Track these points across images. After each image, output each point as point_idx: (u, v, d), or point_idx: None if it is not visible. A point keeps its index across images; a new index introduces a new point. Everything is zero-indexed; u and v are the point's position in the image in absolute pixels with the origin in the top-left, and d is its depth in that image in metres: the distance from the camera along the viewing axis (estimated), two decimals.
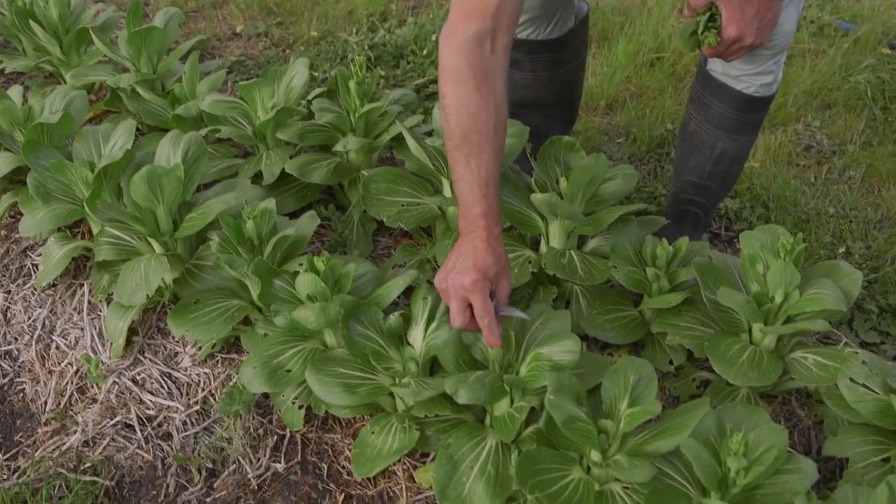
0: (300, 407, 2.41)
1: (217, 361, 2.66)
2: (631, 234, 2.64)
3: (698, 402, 2.08)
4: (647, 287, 2.54)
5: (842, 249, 3.19)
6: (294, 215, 2.94)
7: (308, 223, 2.59)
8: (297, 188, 3.02)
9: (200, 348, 2.66)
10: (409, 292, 2.75)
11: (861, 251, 3.19)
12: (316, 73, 4.13)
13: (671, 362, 2.54)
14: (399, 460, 2.36)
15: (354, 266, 2.36)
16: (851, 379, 2.18)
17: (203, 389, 2.60)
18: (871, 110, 3.97)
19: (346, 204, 3.12)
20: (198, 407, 2.56)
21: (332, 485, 2.39)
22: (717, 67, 2.56)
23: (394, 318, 2.30)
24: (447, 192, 2.82)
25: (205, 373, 2.63)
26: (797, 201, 3.42)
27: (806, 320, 2.27)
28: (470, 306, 2.06)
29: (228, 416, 2.43)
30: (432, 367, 2.33)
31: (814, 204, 3.42)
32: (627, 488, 2.07)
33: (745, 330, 2.39)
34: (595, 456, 2.08)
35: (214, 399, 2.58)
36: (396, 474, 2.38)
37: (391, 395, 2.35)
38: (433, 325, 2.29)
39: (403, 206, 2.77)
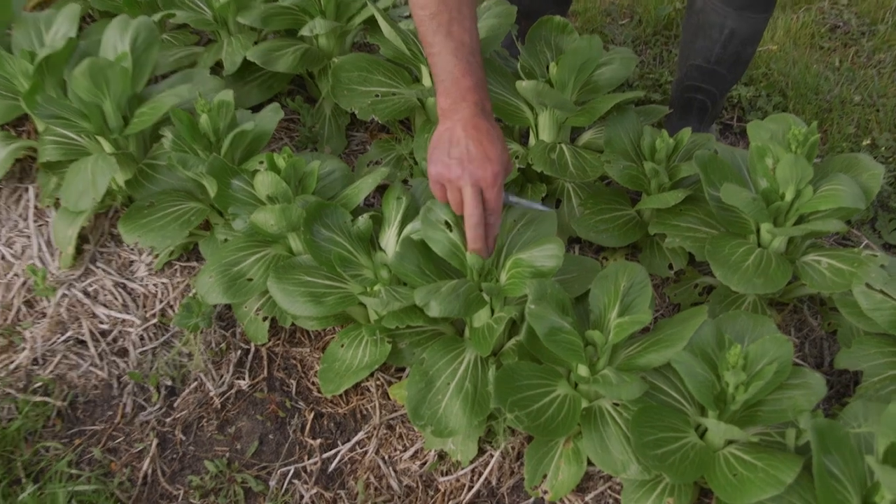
0: (264, 319, 2.33)
1: (175, 270, 2.58)
2: (628, 125, 2.51)
3: (695, 310, 2.00)
4: (644, 184, 2.43)
5: (867, 142, 3.05)
6: (259, 109, 2.80)
7: (271, 117, 2.46)
8: (261, 78, 2.89)
9: (157, 256, 2.57)
10: (382, 192, 2.64)
11: (888, 143, 3.05)
12: None
13: (671, 267, 2.45)
14: (371, 375, 2.30)
15: (319, 163, 2.24)
16: (868, 284, 2.08)
17: (161, 301, 2.52)
18: None
19: (317, 95, 2.99)
20: (155, 320, 2.49)
21: (300, 402, 2.33)
22: None
23: (363, 220, 2.20)
24: (426, 81, 2.67)
25: (162, 283, 2.55)
26: (819, 88, 3.26)
27: (819, 220, 2.16)
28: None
29: (188, 330, 2.36)
30: None
31: (837, 91, 3.26)
32: (618, 405, 2.00)
33: (752, 231, 2.29)
34: (582, 370, 2.01)
35: (173, 311, 2.51)
36: (370, 391, 2.32)
37: (363, 304, 2.27)
38: (408, 228, 2.19)
39: (378, 96, 2.64)
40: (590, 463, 2.07)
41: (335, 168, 2.38)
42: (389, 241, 2.23)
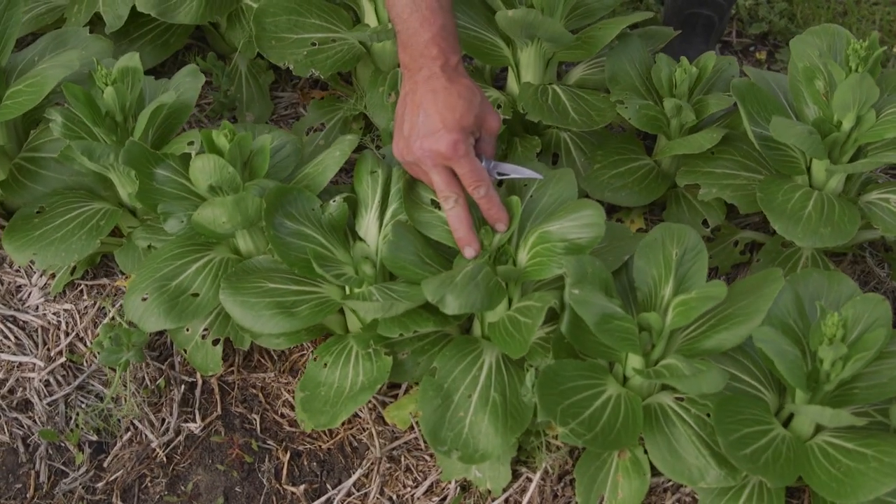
0: (215, 342, 2.25)
1: (81, 291, 2.48)
2: (634, 54, 2.51)
3: (766, 274, 2.01)
4: (664, 126, 2.43)
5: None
6: (155, 74, 2.69)
7: (189, 83, 2.37)
8: (154, 33, 2.80)
9: (54, 276, 2.46)
10: (347, 167, 2.59)
11: None
12: None
13: (705, 223, 2.47)
14: None
15: (270, 137, 2.16)
16: None
17: (66, 334, 2.42)
18: None
19: (227, 50, 2.91)
20: (63, 360, 2.39)
21: (269, 441, 2.28)
22: None
23: (335, 204, 2.14)
24: (371, 20, 2.62)
25: (65, 310, 2.45)
26: None
27: (888, 150, 2.21)
28: (455, 176, 1.94)
29: (113, 368, 2.26)
30: None
31: None
32: (682, 399, 2.01)
33: (802, 171, 2.32)
34: (635, 362, 2.01)
35: (85, 345, 2.41)
36: (359, 416, 2.28)
37: (340, 310, 2.21)
38: (392, 208, 2.14)
39: (314, 45, 2.58)
40: (652, 472, 2.07)
41: (285, 142, 2.31)
42: (370, 227, 2.18)
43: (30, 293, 2.48)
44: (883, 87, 2.33)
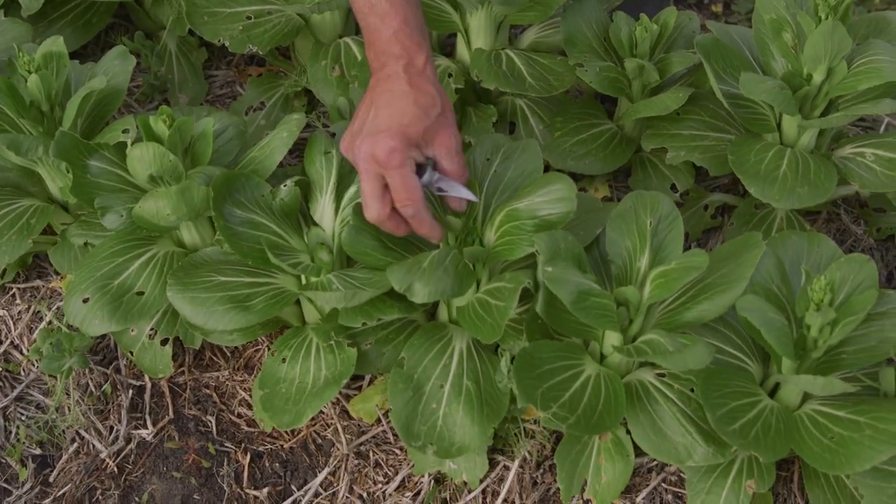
0: (163, 342, 2.20)
1: (13, 295, 2.41)
2: (589, 14, 2.49)
3: (745, 239, 2.00)
4: (625, 88, 2.41)
5: None
6: (77, 57, 2.61)
7: (119, 66, 2.31)
8: (75, 13, 2.72)
9: None
10: (294, 149, 2.53)
11: None
12: None
13: (674, 188, 2.46)
14: None
15: (212, 121, 2.10)
16: None
17: (1, 341, 2.36)
18: None
19: (154, 28, 2.84)
20: None
21: (227, 444, 2.23)
22: None
23: (287, 189, 2.09)
24: None
25: None
26: None
27: (866, 102, 2.20)
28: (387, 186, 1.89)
29: (54, 376, 2.19)
30: None
31: None
32: (664, 376, 2.00)
33: (773, 129, 2.31)
34: (613, 339, 1.99)
35: (21, 352, 2.35)
36: (322, 411, 2.24)
37: (296, 300, 2.17)
38: (352, 191, 2.09)
39: (250, 18, 2.52)
40: (636, 453, 2.06)
41: (227, 124, 2.25)
42: (325, 211, 2.13)
43: None
44: (853, 36, 2.32)
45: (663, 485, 2.11)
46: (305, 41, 2.64)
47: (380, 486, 2.15)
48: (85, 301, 2.07)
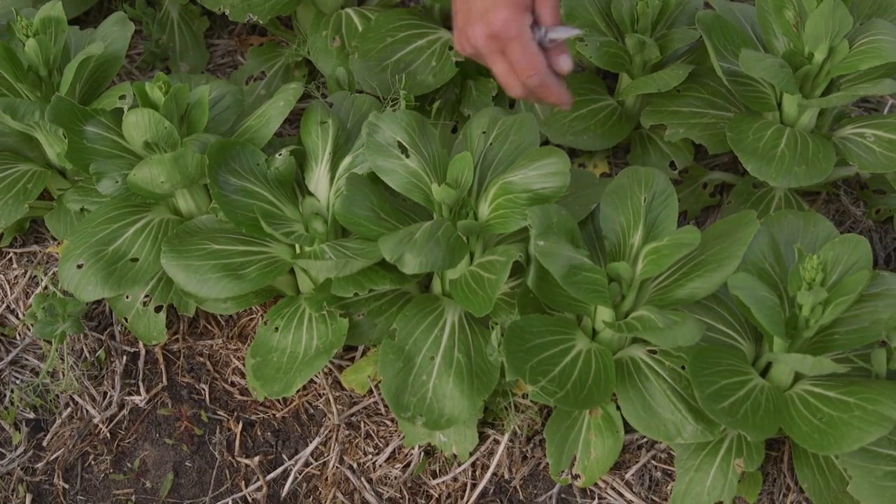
0: (157, 309, 2.20)
1: (10, 260, 2.42)
2: None
3: (740, 216, 2.00)
4: (626, 63, 2.40)
5: None
6: (79, 23, 2.62)
7: (118, 32, 2.31)
8: None
9: None
10: (291, 118, 2.54)
11: None
12: None
13: (673, 166, 2.45)
14: None
15: (208, 88, 2.10)
16: None
17: None
18: None
19: None
20: None
21: (220, 412, 2.24)
22: None
23: (282, 158, 2.09)
24: None
25: None
26: None
27: (867, 82, 2.19)
28: None
29: (48, 341, 2.20)
30: None
31: None
32: (655, 352, 2.00)
33: (773, 107, 2.30)
34: (605, 315, 1.99)
35: (17, 317, 2.36)
36: (315, 381, 2.25)
37: (290, 270, 2.17)
38: (346, 161, 2.09)
39: None
40: (626, 429, 2.06)
41: (224, 93, 2.25)
42: (320, 181, 2.13)
43: None
44: (856, 16, 2.31)
45: (653, 462, 2.11)
46: (307, 11, 2.64)
47: (370, 456, 2.16)
48: (79, 267, 2.08)
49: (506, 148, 2.11)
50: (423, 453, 2.14)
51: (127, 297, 2.21)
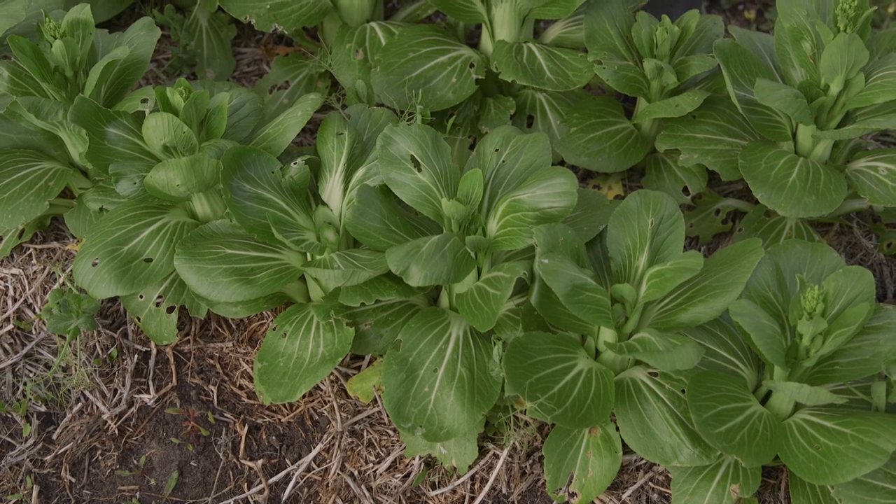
0: (169, 310, 2.23)
1: (29, 255, 2.45)
2: (614, 11, 2.49)
3: (745, 244, 2.01)
4: (643, 88, 2.41)
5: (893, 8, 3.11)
6: (110, 27, 2.66)
7: (144, 37, 2.34)
8: None
9: (1, 239, 2.43)
10: (308, 125, 2.56)
11: None
12: None
13: (686, 191, 2.46)
14: None
15: (228, 95, 2.13)
16: None
17: (14, 300, 2.40)
18: None
19: (187, 2, 2.87)
20: (10, 327, 2.36)
21: (227, 414, 2.26)
22: None
23: (297, 167, 2.11)
24: None
25: (13, 275, 2.42)
26: None
27: (882, 116, 2.19)
28: None
29: (63, 336, 2.24)
30: None
31: None
32: (655, 375, 2.01)
33: (788, 137, 2.31)
34: (608, 335, 2.00)
35: (34, 311, 2.38)
36: (321, 388, 2.27)
37: (301, 277, 2.20)
38: (360, 173, 2.12)
39: None
40: (624, 450, 2.07)
41: (245, 100, 2.28)
42: (334, 191, 2.16)
43: None
44: (874, 50, 2.32)
45: (650, 484, 2.12)
46: (333, 24, 2.67)
47: (371, 465, 2.17)
48: (94, 264, 2.11)
49: (517, 166, 2.12)
50: (423, 464, 2.15)
51: (140, 297, 2.24)
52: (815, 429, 1.88)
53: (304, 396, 2.25)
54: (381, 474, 2.16)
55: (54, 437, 2.25)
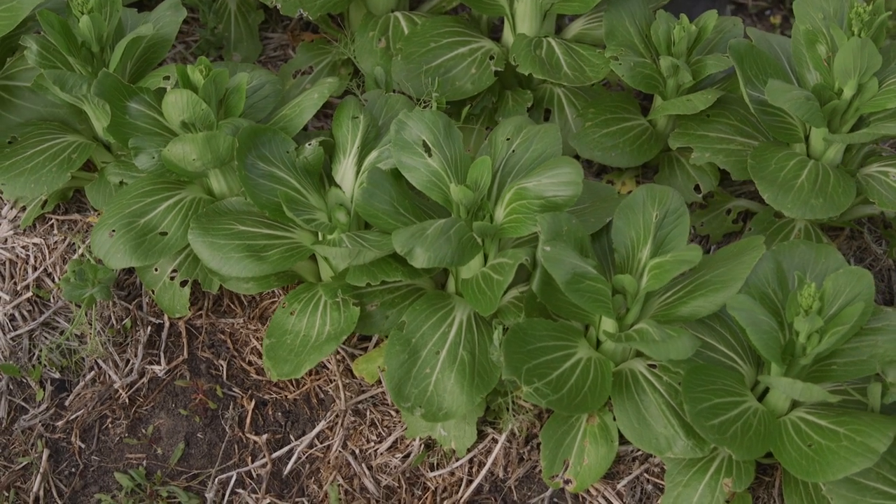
0: (183, 284, 2.28)
1: (51, 226, 2.50)
2: (634, 8, 2.50)
3: (748, 242, 2.02)
4: (659, 85, 2.43)
5: None
6: (140, 7, 2.71)
7: (170, 16, 2.38)
8: None
9: (25, 209, 2.48)
10: (327, 110, 2.60)
11: None
12: None
13: (698, 189, 2.47)
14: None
15: (247, 76, 2.17)
16: None
17: (34, 268, 2.44)
18: None
19: None
20: (29, 294, 2.41)
21: (235, 389, 2.30)
22: None
23: (311, 148, 2.15)
24: None
25: (34, 244, 2.47)
26: None
27: (890, 121, 2.20)
28: None
29: (79, 305, 2.28)
30: None
31: None
32: (654, 367, 2.03)
33: (800, 139, 2.32)
34: (608, 325, 2.02)
35: (53, 280, 2.43)
36: (327, 367, 2.30)
37: (313, 258, 2.23)
38: (372, 156, 2.15)
39: None
40: (621, 441, 2.09)
41: (265, 81, 2.32)
42: (346, 173, 2.19)
43: None
44: (890, 56, 2.32)
45: (645, 475, 2.14)
46: (358, 12, 2.70)
47: (372, 444, 2.20)
48: (110, 235, 2.16)
49: (527, 156, 2.15)
50: (423, 446, 2.18)
51: (156, 270, 2.28)
52: (810, 426, 1.89)
53: (310, 374, 2.29)
54: (381, 453, 2.19)
55: (66, 403, 2.29)
